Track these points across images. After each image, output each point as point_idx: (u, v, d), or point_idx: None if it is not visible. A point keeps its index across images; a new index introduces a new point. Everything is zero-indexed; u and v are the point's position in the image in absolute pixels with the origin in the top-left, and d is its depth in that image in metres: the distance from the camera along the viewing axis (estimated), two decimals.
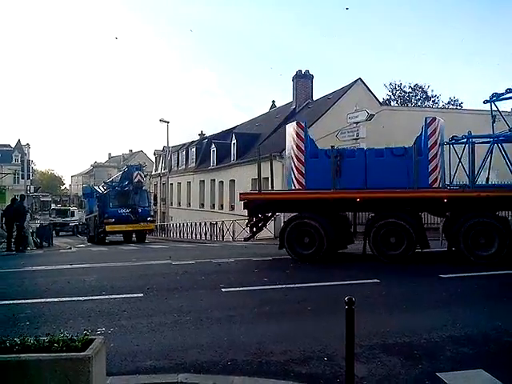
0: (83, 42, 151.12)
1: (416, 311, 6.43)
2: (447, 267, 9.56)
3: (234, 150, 30.03)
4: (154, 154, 56.30)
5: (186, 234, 29.71)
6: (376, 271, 9.46)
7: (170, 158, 42.36)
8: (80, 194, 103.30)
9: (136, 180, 23.73)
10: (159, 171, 50.27)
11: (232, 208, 27.98)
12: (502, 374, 4.06)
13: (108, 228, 23.51)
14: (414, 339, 5.06)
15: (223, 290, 7.85)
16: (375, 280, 8.44)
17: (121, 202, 24.70)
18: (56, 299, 7.41)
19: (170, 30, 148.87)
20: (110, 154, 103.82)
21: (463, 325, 5.56)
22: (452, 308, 6.45)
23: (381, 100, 45.44)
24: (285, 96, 38.29)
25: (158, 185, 49.34)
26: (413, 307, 6.62)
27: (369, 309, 6.28)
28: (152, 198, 30.50)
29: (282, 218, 18.70)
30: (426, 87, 49.05)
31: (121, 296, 7.51)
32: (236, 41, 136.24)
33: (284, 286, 8.08)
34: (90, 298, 7.50)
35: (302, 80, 31.05)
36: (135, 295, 7.56)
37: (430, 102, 48.14)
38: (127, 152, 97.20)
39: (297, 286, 8.08)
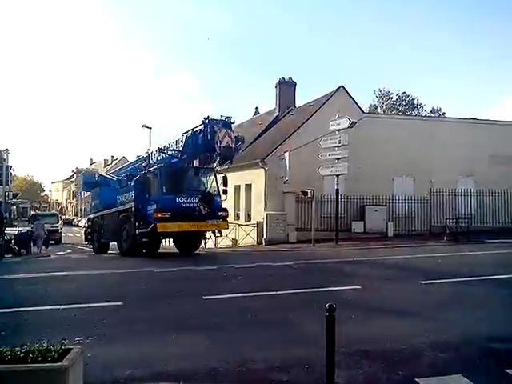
0: (64, 47, 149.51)
1: (397, 317, 6.48)
2: (427, 273, 9.66)
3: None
4: None
5: (166, 241, 29.44)
6: (357, 277, 9.53)
7: None
8: (61, 199, 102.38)
9: (224, 144, 13.68)
10: None
11: None
12: (481, 380, 4.11)
13: (160, 227, 14.04)
14: (395, 345, 5.08)
15: (205, 297, 7.79)
16: (356, 286, 8.49)
17: (180, 184, 15.61)
18: (33, 308, 7.24)
19: (151, 34, 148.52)
20: (91, 160, 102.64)
21: (443, 330, 5.62)
22: (432, 314, 6.51)
23: (368, 106, 46.19)
24: (268, 103, 38.52)
25: None
26: (394, 313, 6.67)
27: (350, 315, 6.32)
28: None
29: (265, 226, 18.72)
30: (413, 96, 50.00)
31: (100, 304, 7.39)
32: (218, 46, 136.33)
33: (266, 293, 8.05)
34: (68, 306, 7.33)
35: (285, 87, 31.23)
36: (115, 303, 7.44)
37: (416, 110, 49.02)
38: (109, 158, 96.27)
39: (278, 293, 8.06)
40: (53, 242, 28.99)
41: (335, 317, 3.67)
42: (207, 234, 16.47)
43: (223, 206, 15.71)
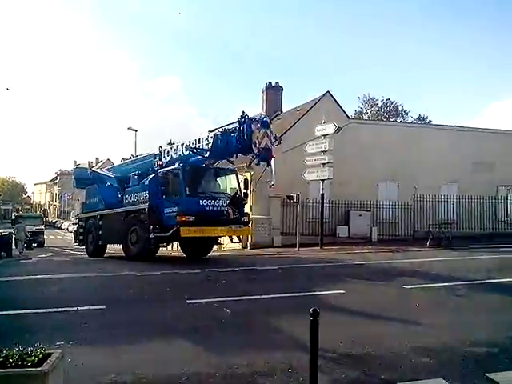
0: (49, 49, 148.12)
1: (379, 322, 6.52)
2: (410, 278, 9.75)
3: None
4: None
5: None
6: (341, 282, 9.58)
7: None
8: (44, 201, 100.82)
9: (263, 145, 12.53)
10: None
11: None
12: (460, 383, 4.16)
13: (184, 232, 12.82)
14: (377, 350, 5.12)
15: (188, 301, 7.75)
16: (340, 291, 8.54)
17: (203, 186, 14.56)
18: (13, 312, 7.10)
19: (135, 37, 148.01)
20: (75, 162, 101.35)
21: (425, 334, 5.68)
22: (415, 318, 6.56)
23: (353, 112, 46.60)
24: (254, 107, 38.69)
25: None
26: (377, 318, 6.71)
27: (333, 320, 6.35)
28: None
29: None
30: (398, 103, 50.59)
31: (82, 308, 7.28)
32: (205, 50, 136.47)
33: (249, 297, 8.05)
34: (49, 310, 7.22)
35: (272, 91, 31.34)
36: (97, 307, 7.35)
37: (400, 117, 49.57)
38: (93, 159, 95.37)
39: (262, 297, 8.06)
40: (35, 244, 28.51)
41: (319, 321, 3.68)
42: (221, 239, 15.65)
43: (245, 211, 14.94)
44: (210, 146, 13.59)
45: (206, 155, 13.83)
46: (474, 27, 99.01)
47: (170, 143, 16.05)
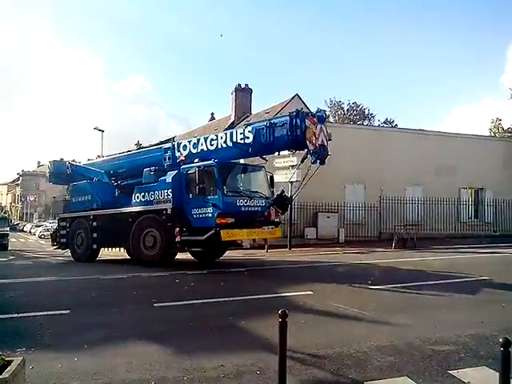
0: (13, 49, 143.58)
1: (347, 322, 6.59)
2: (376, 278, 9.92)
3: None
4: None
5: (116, 248, 28.66)
6: (309, 283, 9.65)
7: None
8: (5, 203, 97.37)
9: (320, 142, 11.71)
10: None
11: None
12: (424, 381, 4.26)
13: (225, 235, 11.76)
14: (344, 350, 5.17)
15: (155, 304, 7.63)
16: (308, 292, 8.60)
17: (237, 184, 13.57)
18: None
19: (100, 37, 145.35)
20: (39, 162, 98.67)
21: (390, 334, 5.77)
22: (380, 318, 6.68)
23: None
24: (223, 108, 38.67)
25: None
26: (344, 318, 6.79)
27: (302, 321, 6.40)
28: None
29: None
30: (364, 107, 51.55)
31: (45, 313, 7.05)
32: (173, 49, 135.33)
33: (218, 299, 7.99)
34: (10, 315, 6.96)
35: (242, 93, 31.40)
36: (61, 312, 7.14)
37: (367, 120, 50.50)
38: (58, 160, 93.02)
39: (231, 299, 8.03)
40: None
41: (288, 322, 3.69)
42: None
43: None
44: (247, 140, 12.50)
45: (249, 150, 12.59)
46: (437, 31, 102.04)
47: (138, 144, 15.79)
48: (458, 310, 7.24)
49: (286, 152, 15.62)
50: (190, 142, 14.05)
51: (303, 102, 27.36)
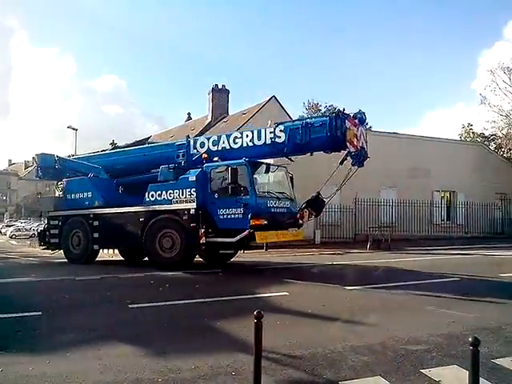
0: None
1: (322, 323, 6.65)
2: (351, 280, 10.03)
3: None
4: None
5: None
6: (285, 284, 9.70)
7: None
8: None
9: (361, 144, 11.92)
10: None
11: None
12: (397, 380, 4.33)
13: (260, 238, 11.44)
14: (319, 350, 5.21)
15: (130, 306, 7.55)
16: (284, 293, 8.64)
17: (266, 186, 13.35)
18: None
19: (72, 34, 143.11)
20: (10, 161, 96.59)
21: (364, 334, 5.84)
22: (355, 318, 6.75)
23: (297, 117, 47.37)
24: (200, 108, 38.60)
25: None
26: (320, 318, 6.84)
27: (277, 321, 6.42)
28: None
29: None
30: (341, 109, 52.03)
31: (15, 315, 6.88)
32: (149, 48, 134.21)
33: (193, 301, 7.95)
34: None
35: (219, 94, 31.43)
36: (32, 314, 6.98)
37: None
38: (30, 159, 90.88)
39: (206, 300, 7.99)
40: None
41: (263, 323, 3.69)
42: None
43: None
44: (278, 140, 12.23)
45: (284, 150, 12.25)
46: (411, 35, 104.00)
47: (113, 143, 15.53)
48: (431, 310, 7.37)
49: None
50: (208, 139, 13.55)
51: (280, 104, 27.56)
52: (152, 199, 13.09)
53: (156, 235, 12.62)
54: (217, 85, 31.14)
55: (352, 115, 11.72)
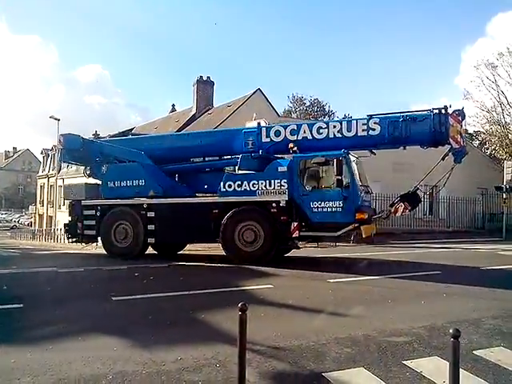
0: None
1: (306, 315, 6.70)
2: (335, 272, 10.10)
3: None
4: (42, 152, 52.66)
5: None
6: (269, 277, 9.73)
7: (60, 157, 39.78)
8: None
9: (462, 141, 11.83)
10: (47, 172, 47.08)
11: None
12: (379, 371, 4.39)
13: (366, 231, 11.45)
14: (303, 342, 5.25)
15: (114, 298, 7.49)
16: (269, 285, 8.67)
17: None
18: None
19: (54, 22, 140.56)
20: None
21: (348, 326, 5.91)
22: (339, 310, 6.82)
23: (283, 111, 47.49)
24: (185, 100, 38.30)
25: (46, 186, 46.15)
26: (303, 311, 6.89)
27: (262, 314, 6.45)
28: None
29: None
30: (324, 103, 52.29)
31: None
32: (134, 39, 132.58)
33: (178, 293, 7.93)
34: None
35: (203, 86, 31.20)
36: (13, 306, 6.89)
37: (327, 116, 51.25)
38: (10, 149, 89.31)
39: (191, 293, 7.98)
40: None
41: (247, 315, 3.70)
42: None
43: None
44: (371, 132, 11.89)
45: (384, 141, 11.92)
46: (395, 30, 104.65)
47: (96, 134, 15.01)
48: (413, 303, 7.49)
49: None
50: (285, 127, 12.78)
51: (265, 97, 27.48)
52: (229, 190, 12.23)
53: (235, 228, 11.88)
54: (202, 76, 30.91)
55: (456, 112, 11.56)
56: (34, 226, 47.94)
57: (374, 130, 11.84)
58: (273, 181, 11.72)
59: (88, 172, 14.89)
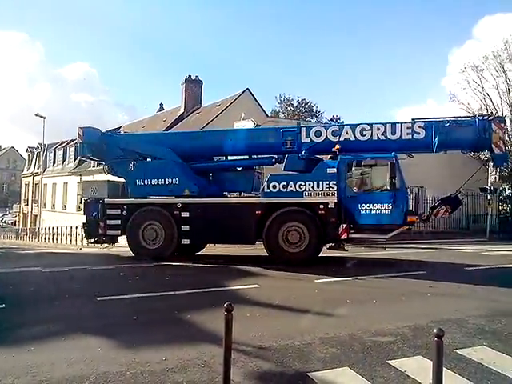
0: None
1: (292, 315, 6.71)
2: (320, 272, 10.13)
3: None
4: (27, 151, 52.04)
5: (60, 239, 27.71)
6: (255, 277, 9.73)
7: (46, 156, 39.40)
8: None
9: (503, 147, 12.18)
10: (32, 170, 46.57)
11: None
12: (364, 371, 4.42)
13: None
14: (289, 342, 5.26)
15: (98, 298, 7.43)
16: (255, 285, 8.67)
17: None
18: None
19: (46, 19, 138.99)
20: None
21: (333, 326, 5.93)
22: (325, 310, 6.84)
23: (270, 111, 47.52)
24: (173, 99, 38.14)
25: (30, 185, 45.61)
26: (289, 311, 6.90)
27: (248, 314, 6.44)
28: None
29: None
30: (312, 104, 52.43)
31: None
32: (122, 37, 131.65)
33: (163, 293, 7.89)
34: None
35: (192, 85, 31.06)
36: None
37: (314, 117, 51.40)
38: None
39: (176, 293, 7.95)
40: None
41: (233, 315, 3.70)
42: None
43: None
44: (416, 136, 11.90)
45: (433, 146, 11.79)
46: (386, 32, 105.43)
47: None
48: (398, 303, 7.55)
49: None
50: (326, 127, 12.70)
51: (253, 97, 27.46)
52: (274, 190, 11.91)
53: (279, 229, 11.64)
54: (190, 75, 30.77)
55: (498, 120, 11.94)
56: (18, 225, 47.30)
57: (418, 133, 11.95)
58: (321, 182, 11.56)
59: (107, 169, 14.05)
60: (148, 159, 13.67)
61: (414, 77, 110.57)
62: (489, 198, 23.33)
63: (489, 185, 22.99)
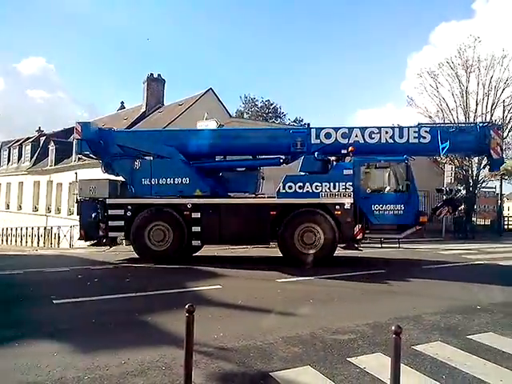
0: None
1: (255, 315, 6.72)
2: (285, 271, 10.20)
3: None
4: None
5: (14, 241, 26.73)
6: (218, 277, 9.69)
7: (0, 154, 37.93)
8: None
9: (500, 152, 12.85)
10: None
11: (71, 213, 26.08)
12: (325, 369, 4.47)
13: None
14: (251, 342, 5.26)
15: (55, 301, 7.20)
16: (217, 286, 8.64)
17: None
18: None
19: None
20: None
21: (295, 325, 5.98)
22: (287, 310, 6.89)
23: (235, 111, 47.49)
24: (135, 98, 37.51)
25: None
26: (252, 311, 6.92)
27: (209, 315, 6.40)
28: None
29: None
30: (277, 105, 52.83)
31: None
32: (82, 33, 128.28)
33: (123, 295, 7.74)
34: None
35: (154, 83, 30.68)
36: None
37: (278, 118, 51.80)
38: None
39: (137, 294, 7.81)
40: None
41: (195, 317, 3.66)
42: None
43: None
44: (422, 140, 12.25)
45: (440, 150, 12.02)
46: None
47: (40, 130, 14.14)
48: (358, 301, 7.71)
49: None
50: (336, 129, 12.60)
51: (217, 97, 27.38)
52: (289, 191, 11.90)
53: (294, 230, 11.61)
54: (152, 74, 30.36)
55: (497, 127, 12.84)
56: None
57: (424, 137, 12.37)
58: (337, 183, 11.70)
59: (104, 167, 13.42)
60: (148, 157, 13.17)
61: (374, 81, 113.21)
62: (444, 198, 23.99)
63: (444, 186, 23.85)
